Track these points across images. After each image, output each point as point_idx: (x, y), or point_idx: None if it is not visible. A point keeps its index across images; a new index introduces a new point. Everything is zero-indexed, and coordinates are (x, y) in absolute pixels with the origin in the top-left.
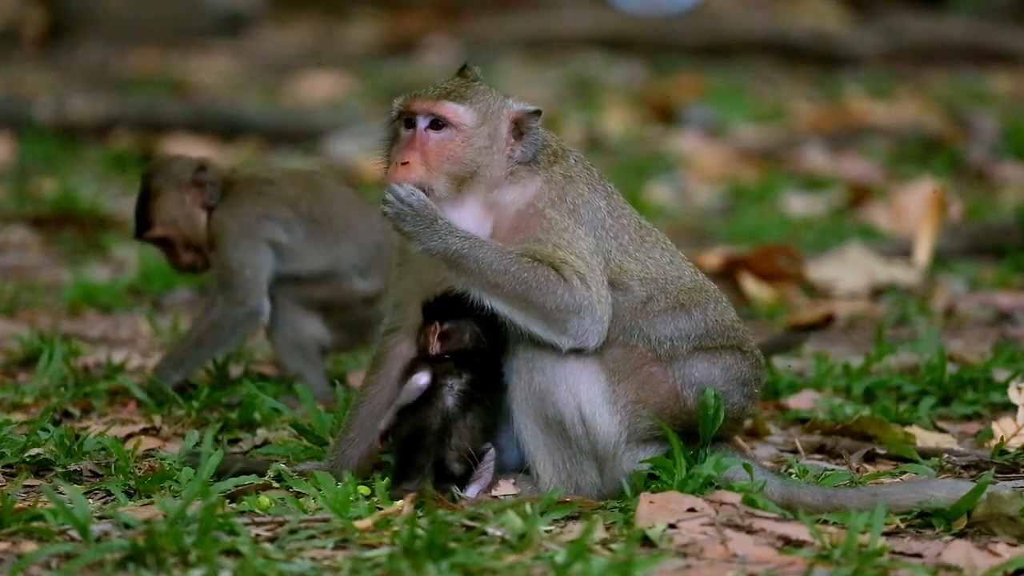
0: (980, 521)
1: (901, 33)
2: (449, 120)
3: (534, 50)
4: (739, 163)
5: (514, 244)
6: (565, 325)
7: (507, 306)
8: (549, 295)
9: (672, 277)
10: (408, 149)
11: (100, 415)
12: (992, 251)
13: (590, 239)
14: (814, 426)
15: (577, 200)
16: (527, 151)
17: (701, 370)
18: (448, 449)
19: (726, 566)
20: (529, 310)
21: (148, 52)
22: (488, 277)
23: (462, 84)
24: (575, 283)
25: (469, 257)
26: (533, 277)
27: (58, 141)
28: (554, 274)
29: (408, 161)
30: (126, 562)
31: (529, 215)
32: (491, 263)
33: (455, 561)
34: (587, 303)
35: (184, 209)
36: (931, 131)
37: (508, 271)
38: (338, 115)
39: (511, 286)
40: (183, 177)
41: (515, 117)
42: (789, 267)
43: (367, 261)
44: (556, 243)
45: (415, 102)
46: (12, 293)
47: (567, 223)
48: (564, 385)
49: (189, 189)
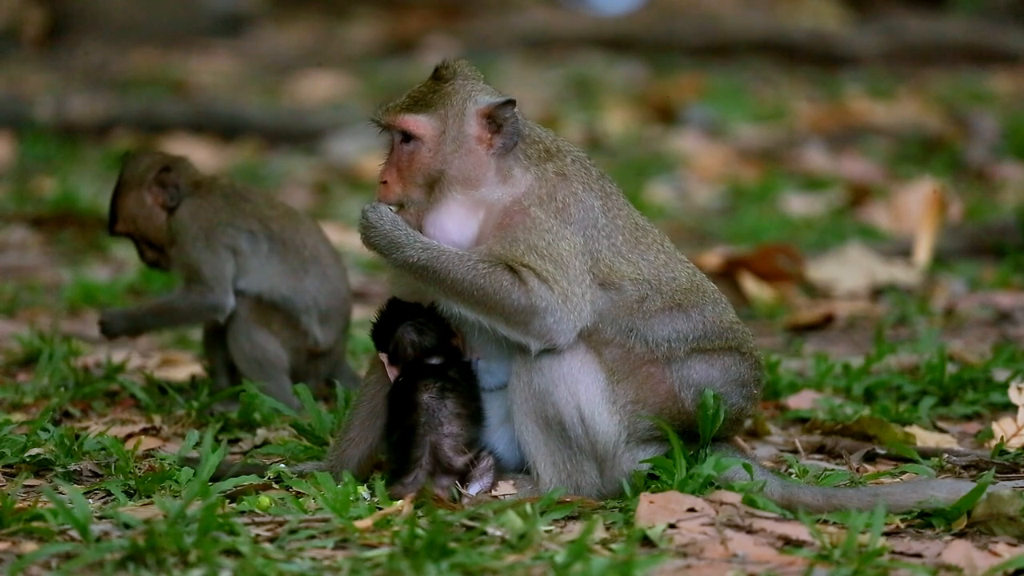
0: (980, 521)
1: (901, 33)
2: (412, 133)
3: (534, 50)
4: (739, 163)
5: (492, 241)
6: (527, 326)
7: (472, 312)
8: (505, 299)
9: (667, 278)
10: (387, 166)
11: (100, 415)
12: (992, 251)
13: (577, 238)
14: (814, 426)
15: (568, 199)
16: (508, 142)
17: (699, 371)
18: (443, 437)
19: (726, 566)
20: (491, 314)
21: (148, 52)
22: (449, 285)
23: (428, 90)
24: (532, 284)
25: (430, 267)
26: (488, 283)
27: (58, 141)
28: (509, 277)
29: (386, 180)
30: (126, 562)
31: (514, 212)
32: (450, 271)
33: (455, 561)
34: (545, 304)
35: (144, 208)
36: (931, 131)
37: (466, 278)
38: (338, 115)
39: (470, 292)
40: (147, 176)
41: (484, 112)
42: (789, 267)
43: (329, 308)
44: (531, 244)
45: (385, 116)
46: (12, 293)
47: (551, 223)
48: (563, 385)
49: (151, 188)
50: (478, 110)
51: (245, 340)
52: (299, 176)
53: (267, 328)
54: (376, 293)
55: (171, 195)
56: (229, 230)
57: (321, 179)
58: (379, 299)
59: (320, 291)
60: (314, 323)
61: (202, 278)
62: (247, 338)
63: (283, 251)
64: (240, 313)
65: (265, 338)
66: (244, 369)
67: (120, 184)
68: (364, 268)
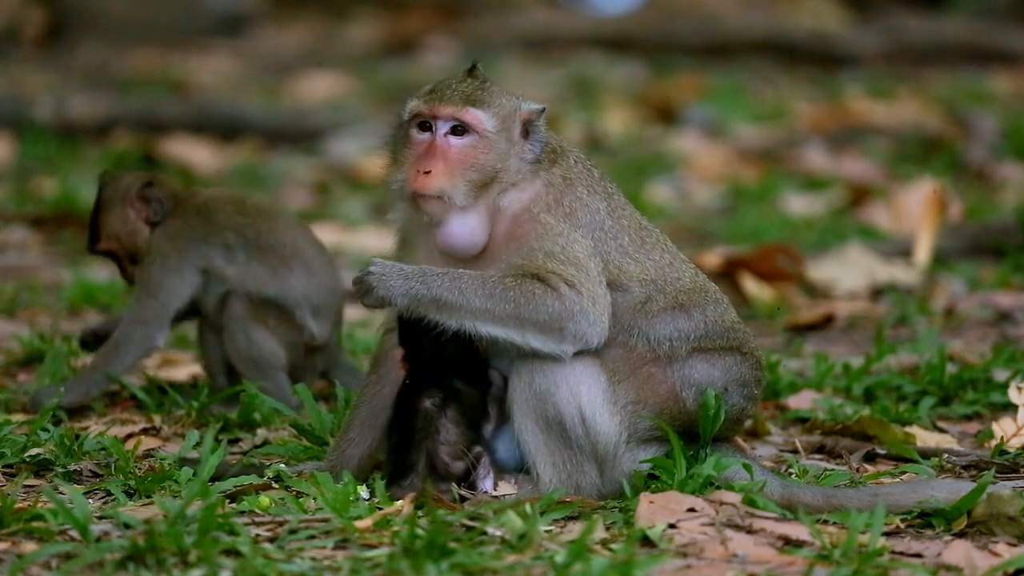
0: (980, 521)
1: (901, 33)
2: (472, 126)
3: (534, 50)
4: (739, 163)
5: (507, 252)
6: (562, 333)
7: (502, 329)
8: (540, 308)
9: (671, 278)
10: (429, 157)
11: (100, 415)
12: (992, 251)
13: (587, 241)
14: (814, 426)
15: (575, 204)
16: (535, 150)
17: (700, 371)
18: (439, 444)
19: (726, 566)
20: (524, 327)
21: (148, 52)
22: (478, 307)
23: (479, 87)
24: (563, 290)
25: (455, 297)
26: (520, 294)
27: (58, 141)
28: (540, 286)
29: (430, 170)
30: (126, 562)
31: (524, 220)
32: (476, 292)
33: (455, 561)
34: (578, 307)
35: (128, 224)
36: (931, 131)
37: (494, 295)
38: (338, 115)
39: (500, 309)
40: (130, 192)
41: (525, 117)
42: (789, 267)
43: (320, 301)
44: (548, 251)
45: (438, 106)
46: (12, 293)
47: (562, 227)
48: (564, 385)
49: (134, 204)
50: (520, 114)
51: (242, 338)
52: (299, 176)
53: (263, 324)
54: None
55: (155, 210)
56: (203, 247)
57: (321, 179)
58: None
59: (308, 286)
60: (308, 317)
61: (152, 304)
62: (244, 336)
63: (261, 255)
64: (236, 311)
65: (262, 335)
66: (241, 368)
67: (101, 202)
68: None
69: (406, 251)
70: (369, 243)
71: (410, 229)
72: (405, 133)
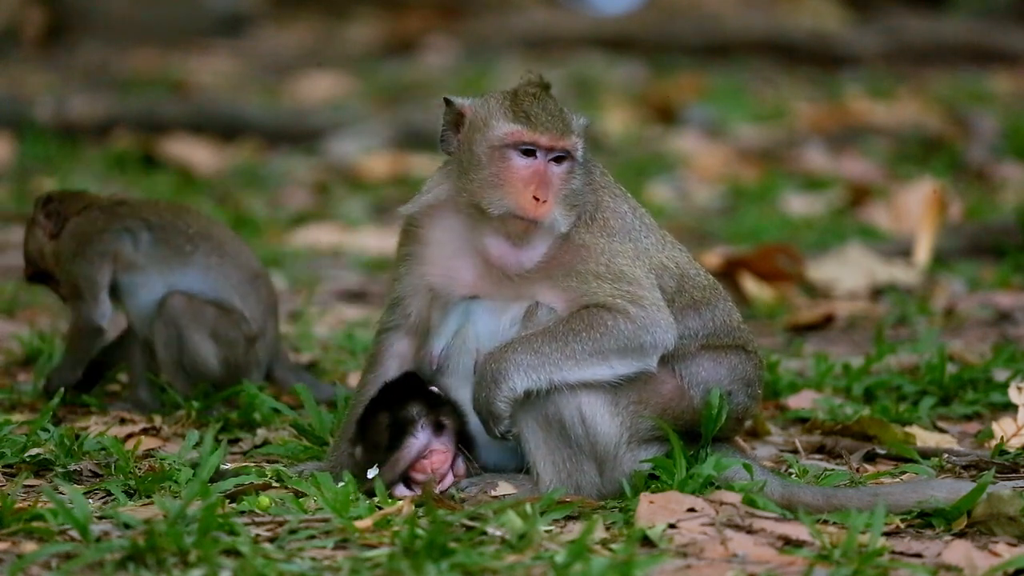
0: (980, 521)
1: (901, 33)
2: (572, 154)
3: (534, 50)
4: (739, 163)
5: (555, 279)
6: (643, 349)
7: (588, 370)
8: (616, 336)
9: (691, 275)
10: (542, 185)
11: (100, 415)
12: (992, 251)
13: (627, 246)
14: (814, 426)
15: (605, 214)
16: (592, 169)
17: (708, 369)
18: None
19: (726, 566)
20: (608, 359)
21: (148, 52)
22: (557, 359)
23: (563, 110)
24: (630, 310)
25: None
26: (593, 330)
27: (58, 141)
28: (607, 315)
29: (547, 199)
30: (126, 562)
31: (567, 249)
32: (551, 347)
33: (455, 561)
34: (649, 320)
35: (38, 243)
36: (931, 131)
37: (568, 343)
38: (338, 115)
39: (580, 351)
40: (36, 213)
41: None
42: (789, 267)
43: (239, 280)
44: (595, 272)
45: (543, 135)
46: (12, 293)
47: (601, 243)
48: (565, 386)
49: (41, 223)
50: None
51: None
52: (299, 176)
53: (201, 324)
54: (376, 293)
55: (55, 222)
56: (105, 235)
57: (321, 179)
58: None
59: (221, 265)
60: (235, 299)
61: (80, 292)
62: (179, 338)
63: (165, 235)
64: (175, 310)
65: (201, 343)
66: (167, 370)
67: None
68: (364, 268)
69: (411, 243)
70: (369, 243)
71: (446, 240)
72: (500, 155)
